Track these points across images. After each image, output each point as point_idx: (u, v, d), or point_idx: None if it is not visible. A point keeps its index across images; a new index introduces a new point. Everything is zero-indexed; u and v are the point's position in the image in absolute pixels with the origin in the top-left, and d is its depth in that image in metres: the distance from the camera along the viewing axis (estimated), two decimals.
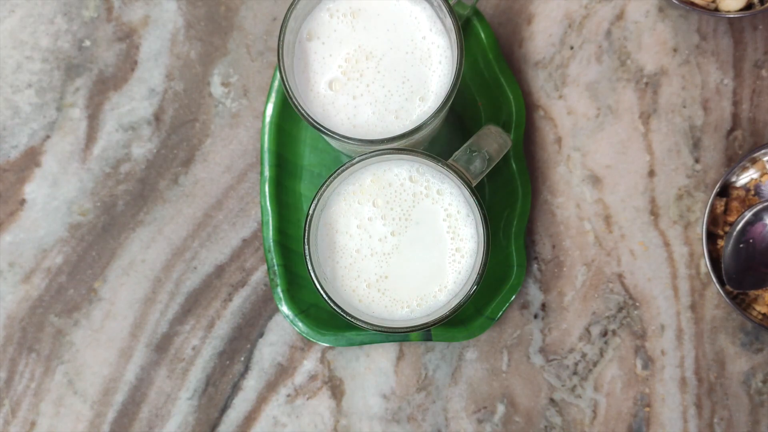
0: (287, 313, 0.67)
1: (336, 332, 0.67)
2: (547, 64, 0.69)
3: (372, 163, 0.59)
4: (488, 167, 0.61)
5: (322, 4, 0.60)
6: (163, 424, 0.69)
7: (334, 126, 0.59)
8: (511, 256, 0.68)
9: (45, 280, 0.69)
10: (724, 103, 0.69)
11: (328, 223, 0.60)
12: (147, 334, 0.69)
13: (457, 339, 0.68)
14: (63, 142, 0.69)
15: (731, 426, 0.69)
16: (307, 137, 0.68)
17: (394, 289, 0.60)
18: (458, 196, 0.60)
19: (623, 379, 0.69)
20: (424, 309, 0.60)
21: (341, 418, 0.69)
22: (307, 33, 0.60)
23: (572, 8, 0.69)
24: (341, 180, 0.59)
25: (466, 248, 0.60)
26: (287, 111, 0.67)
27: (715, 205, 0.66)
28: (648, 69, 0.69)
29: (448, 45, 0.60)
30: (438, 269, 0.60)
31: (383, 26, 0.60)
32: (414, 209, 0.60)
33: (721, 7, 0.66)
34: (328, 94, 0.60)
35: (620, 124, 0.69)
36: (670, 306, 0.69)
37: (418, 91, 0.60)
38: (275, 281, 0.67)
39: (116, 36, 0.69)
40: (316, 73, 0.60)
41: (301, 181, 0.68)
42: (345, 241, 0.60)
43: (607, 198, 0.69)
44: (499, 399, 0.69)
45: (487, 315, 0.68)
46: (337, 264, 0.60)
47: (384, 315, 0.60)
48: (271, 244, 0.67)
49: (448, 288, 0.60)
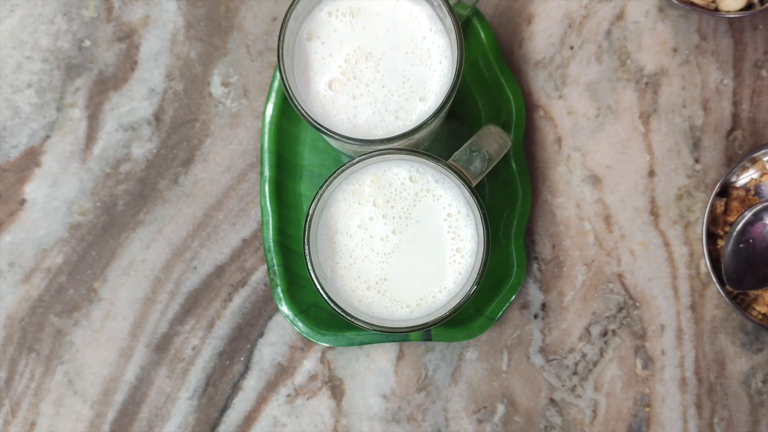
0: (287, 313, 0.67)
1: (336, 332, 0.67)
2: (547, 64, 0.69)
3: (372, 163, 0.59)
4: (488, 167, 0.61)
5: (322, 4, 0.60)
6: (163, 424, 0.69)
7: (334, 126, 0.59)
8: (511, 256, 0.68)
9: (45, 280, 0.69)
10: (724, 103, 0.69)
11: (328, 224, 0.60)
12: (147, 334, 0.69)
13: (457, 339, 0.68)
14: (63, 142, 0.69)
15: (731, 426, 0.69)
16: (307, 137, 0.68)
17: (393, 290, 0.60)
18: (458, 196, 0.60)
19: (623, 379, 0.69)
20: (424, 309, 0.60)
21: (341, 418, 0.69)
22: (307, 33, 0.60)
23: (572, 8, 0.69)
24: (341, 180, 0.59)
25: (467, 248, 0.60)
26: (287, 111, 0.67)
27: (715, 205, 0.66)
28: (648, 69, 0.69)
29: (448, 45, 0.60)
30: (438, 269, 0.60)
31: (383, 26, 0.60)
32: (414, 208, 0.60)
33: (721, 7, 0.66)
34: (328, 94, 0.60)
35: (620, 124, 0.69)
36: (670, 306, 0.69)
37: (418, 91, 0.60)
38: (275, 281, 0.67)
39: (116, 36, 0.69)
40: (316, 73, 0.60)
41: (301, 181, 0.68)
42: (345, 242, 0.60)
43: (607, 198, 0.69)
44: (499, 399, 0.69)
45: (487, 315, 0.68)
46: (336, 264, 0.60)
47: (384, 315, 0.60)
48: (271, 244, 0.67)
49: (448, 288, 0.60)
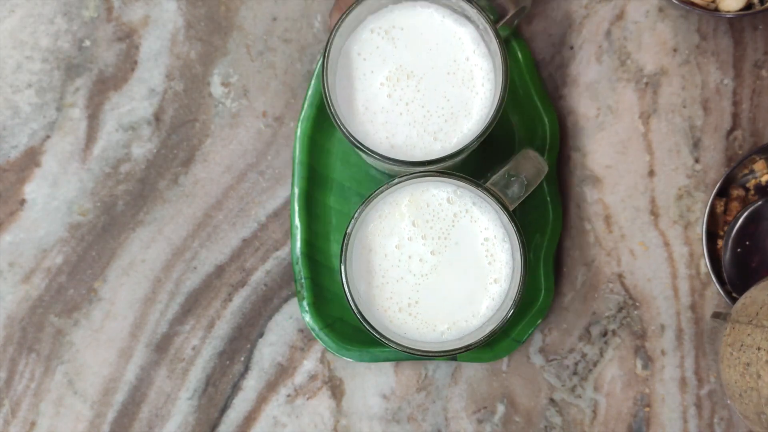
0: (313, 326, 0.67)
1: (361, 347, 0.67)
2: (547, 64, 0.69)
3: (410, 183, 0.59)
4: (526, 193, 0.60)
5: (366, 21, 0.60)
6: (163, 424, 0.69)
7: (372, 144, 0.59)
8: (539, 279, 0.67)
9: (45, 280, 0.69)
10: (724, 103, 0.69)
11: (364, 243, 0.60)
12: (147, 334, 0.69)
13: (483, 360, 0.67)
14: (63, 142, 0.69)
15: (731, 426, 0.69)
16: (339, 150, 0.68)
17: (426, 313, 0.60)
18: (495, 221, 0.60)
19: (623, 379, 0.69)
20: (455, 333, 0.60)
21: (341, 418, 0.69)
22: (350, 50, 0.60)
23: (572, 8, 0.69)
24: (379, 200, 0.59)
25: (502, 273, 0.60)
26: (320, 123, 0.67)
27: (715, 204, 0.66)
28: (648, 69, 0.69)
29: (491, 68, 0.59)
30: (473, 293, 0.60)
31: (426, 45, 0.60)
32: (453, 229, 0.60)
33: (721, 7, 0.66)
34: (368, 112, 0.60)
35: (620, 124, 0.69)
36: (670, 306, 0.69)
37: (458, 113, 0.59)
38: (302, 294, 0.67)
39: (116, 36, 0.69)
40: (356, 90, 0.60)
41: (331, 193, 0.68)
42: (380, 262, 0.60)
43: (607, 198, 0.69)
44: (499, 399, 0.69)
45: (513, 337, 0.67)
46: (370, 284, 0.60)
47: (416, 336, 0.60)
48: (299, 256, 0.67)
49: (481, 313, 0.60)
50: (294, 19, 0.69)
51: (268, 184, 0.69)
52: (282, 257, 0.69)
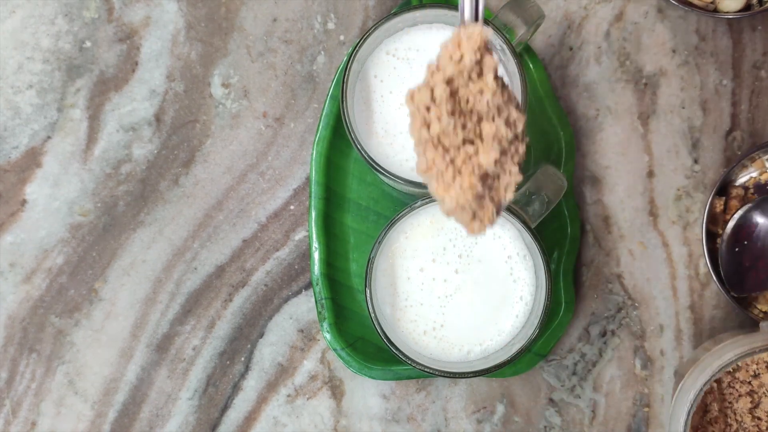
0: (335, 346, 0.67)
1: (384, 366, 0.67)
2: (546, 65, 0.69)
3: (431, 204, 0.59)
4: (547, 210, 0.60)
5: (383, 44, 0.60)
6: (164, 424, 0.69)
7: (390, 166, 0.59)
8: (559, 292, 0.67)
9: (46, 281, 0.69)
10: (723, 104, 0.69)
11: (389, 266, 0.60)
12: (147, 334, 0.69)
13: (505, 375, 0.67)
14: (64, 143, 0.69)
15: None
16: (355, 170, 0.68)
17: (450, 335, 0.61)
18: (517, 239, 0.60)
19: (622, 379, 0.69)
20: (479, 352, 0.61)
21: (341, 418, 0.69)
22: (367, 74, 0.60)
23: (571, 9, 0.70)
24: (401, 222, 0.60)
25: (526, 292, 0.60)
26: (336, 144, 0.67)
27: (715, 203, 0.66)
28: (647, 70, 0.69)
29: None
30: (496, 312, 0.60)
31: None
32: (476, 246, 0.60)
33: (720, 7, 0.66)
34: (387, 135, 0.60)
35: (619, 124, 0.69)
36: (669, 306, 0.69)
37: None
38: (323, 314, 0.67)
39: (117, 37, 0.70)
40: (374, 113, 0.60)
41: (348, 213, 0.68)
42: (403, 285, 0.60)
43: (607, 198, 0.69)
44: (498, 399, 0.69)
45: (535, 351, 0.67)
46: (394, 307, 0.60)
47: (441, 357, 0.61)
48: (318, 276, 0.67)
49: (506, 331, 0.61)
50: (294, 20, 0.70)
51: (269, 185, 0.69)
52: (282, 257, 0.69)
